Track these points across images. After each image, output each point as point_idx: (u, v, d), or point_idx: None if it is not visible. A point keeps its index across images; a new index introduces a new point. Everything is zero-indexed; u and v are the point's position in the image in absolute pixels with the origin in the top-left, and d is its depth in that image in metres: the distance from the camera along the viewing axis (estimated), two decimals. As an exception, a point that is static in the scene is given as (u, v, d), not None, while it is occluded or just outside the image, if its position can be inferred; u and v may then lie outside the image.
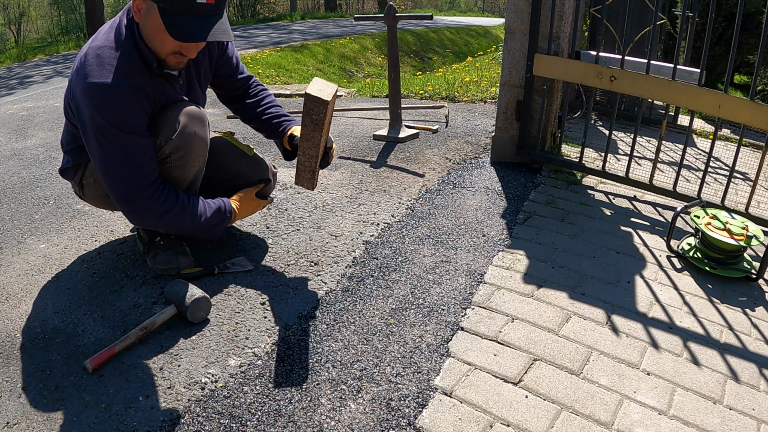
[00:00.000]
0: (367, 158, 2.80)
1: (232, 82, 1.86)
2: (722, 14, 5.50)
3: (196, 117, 1.59)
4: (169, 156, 1.57)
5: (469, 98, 4.17)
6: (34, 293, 1.71)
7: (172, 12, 1.36)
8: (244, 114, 1.92)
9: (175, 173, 1.61)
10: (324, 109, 1.49)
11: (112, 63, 1.42)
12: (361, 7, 24.91)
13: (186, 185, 1.67)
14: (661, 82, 2.14)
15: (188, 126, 1.56)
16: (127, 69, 1.44)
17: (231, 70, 1.83)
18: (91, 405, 1.26)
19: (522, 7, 2.45)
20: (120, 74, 1.42)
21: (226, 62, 1.80)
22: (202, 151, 1.64)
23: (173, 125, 1.54)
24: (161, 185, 1.55)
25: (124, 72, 1.43)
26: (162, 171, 1.60)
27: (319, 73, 8.03)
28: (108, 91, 1.41)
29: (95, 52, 1.44)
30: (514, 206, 2.27)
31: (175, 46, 1.43)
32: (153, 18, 1.39)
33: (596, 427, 1.20)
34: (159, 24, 1.38)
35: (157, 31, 1.41)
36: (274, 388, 1.31)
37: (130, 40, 1.46)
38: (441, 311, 1.59)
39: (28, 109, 4.59)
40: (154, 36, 1.43)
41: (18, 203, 2.42)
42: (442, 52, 12.10)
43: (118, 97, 1.42)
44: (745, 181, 2.85)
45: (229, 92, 1.89)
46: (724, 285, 1.78)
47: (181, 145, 1.56)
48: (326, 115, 1.52)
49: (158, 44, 1.44)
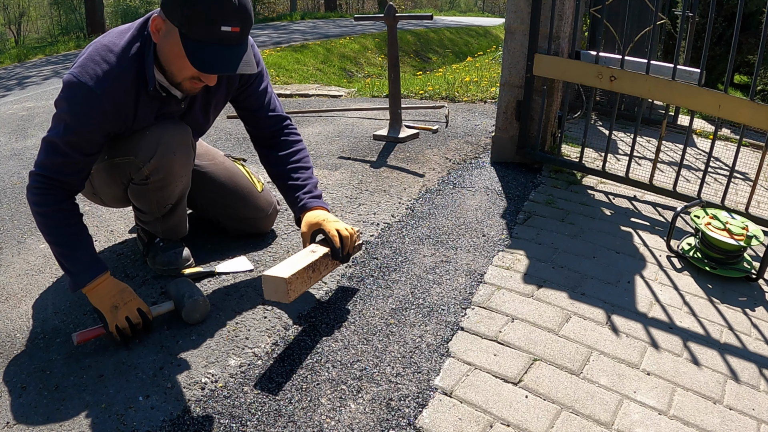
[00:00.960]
0: (367, 158, 2.80)
1: (257, 117, 1.71)
2: (722, 14, 5.51)
3: (177, 137, 1.53)
4: (149, 177, 1.54)
5: (469, 98, 4.17)
6: (34, 293, 1.71)
7: (193, 39, 1.27)
8: (270, 169, 1.75)
9: (158, 194, 1.60)
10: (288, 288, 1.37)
11: (104, 68, 1.36)
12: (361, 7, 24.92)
13: (172, 204, 1.66)
14: (661, 82, 2.14)
15: (168, 147, 1.51)
16: (116, 80, 1.36)
17: (257, 104, 1.69)
18: (91, 405, 1.26)
19: (522, 7, 2.45)
20: (105, 83, 1.35)
21: (251, 95, 1.68)
22: (183, 171, 1.60)
23: (152, 146, 1.49)
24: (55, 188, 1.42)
25: (111, 82, 1.36)
26: (144, 192, 1.59)
27: (319, 73, 8.02)
28: (84, 92, 1.35)
29: (100, 47, 1.39)
30: (514, 206, 2.27)
31: (194, 72, 1.35)
32: (173, 42, 1.30)
33: (596, 427, 1.20)
34: (179, 49, 1.30)
35: (175, 56, 1.33)
36: (274, 388, 1.31)
37: (138, 56, 1.39)
38: (441, 311, 1.59)
39: (28, 109, 4.59)
40: (171, 60, 1.35)
41: (18, 203, 2.42)
42: (442, 52, 12.10)
43: (86, 104, 1.35)
44: (745, 181, 2.85)
45: (254, 128, 1.75)
46: (724, 285, 1.78)
47: (160, 167, 1.52)
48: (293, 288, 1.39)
49: (176, 69, 1.37)
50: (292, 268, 1.40)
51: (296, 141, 1.76)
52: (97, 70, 1.36)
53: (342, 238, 1.55)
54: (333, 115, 3.78)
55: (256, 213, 1.91)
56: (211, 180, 1.87)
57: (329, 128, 3.40)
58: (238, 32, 1.29)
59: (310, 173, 1.72)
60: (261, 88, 1.68)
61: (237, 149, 3.00)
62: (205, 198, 1.89)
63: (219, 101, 1.66)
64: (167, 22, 1.31)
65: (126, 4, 19.48)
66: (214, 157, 1.93)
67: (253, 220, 1.92)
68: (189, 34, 1.27)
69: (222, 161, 1.93)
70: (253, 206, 1.90)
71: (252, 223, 1.93)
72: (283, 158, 1.71)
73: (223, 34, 1.26)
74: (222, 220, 1.94)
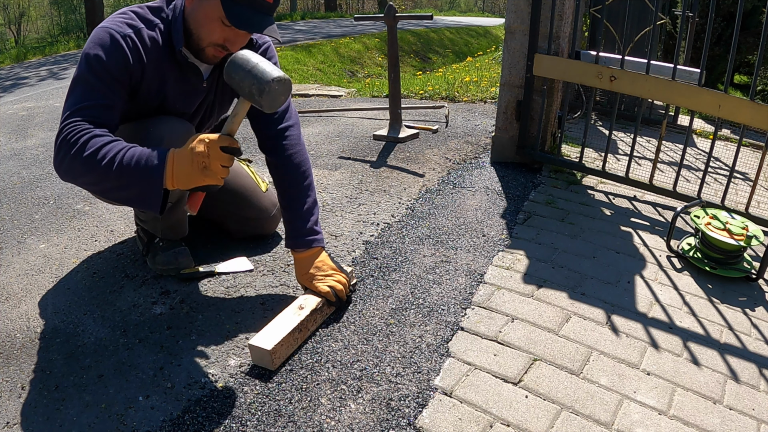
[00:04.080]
0: (367, 158, 2.80)
1: (262, 119, 1.64)
2: (721, 14, 5.50)
3: (183, 136, 1.51)
4: None
5: (469, 98, 4.17)
6: (34, 293, 1.71)
7: (235, 2, 1.35)
8: (276, 185, 1.67)
9: None
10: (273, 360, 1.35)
11: (130, 23, 1.41)
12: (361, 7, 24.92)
13: (172, 202, 1.65)
14: (661, 82, 2.14)
15: (171, 142, 1.47)
16: (138, 35, 1.41)
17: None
18: (91, 405, 1.26)
19: (522, 7, 2.45)
20: (129, 33, 1.40)
21: None
22: None
23: (154, 141, 1.46)
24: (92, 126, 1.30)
25: (133, 36, 1.40)
26: None
27: (319, 73, 8.02)
28: (110, 35, 1.37)
29: (125, 10, 1.45)
30: (514, 206, 2.27)
31: (221, 36, 1.41)
32: (208, 6, 1.38)
33: (596, 427, 1.20)
34: (216, 12, 1.37)
35: (209, 19, 1.39)
36: (274, 388, 1.31)
37: (164, 21, 1.45)
38: (441, 311, 1.59)
39: (28, 109, 4.59)
40: (203, 23, 1.41)
41: (18, 203, 2.42)
42: (443, 52, 12.11)
43: (113, 43, 1.37)
44: (745, 181, 2.85)
45: (259, 131, 1.66)
46: (724, 285, 1.78)
47: None
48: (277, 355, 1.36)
49: (206, 32, 1.41)
50: (276, 335, 1.37)
51: (304, 161, 1.67)
52: (121, 22, 1.41)
53: (336, 292, 1.55)
54: (333, 115, 3.78)
55: (259, 213, 1.91)
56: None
57: (329, 128, 3.40)
58: (272, 3, 1.39)
59: (311, 193, 1.66)
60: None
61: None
62: (208, 197, 1.89)
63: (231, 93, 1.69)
64: None
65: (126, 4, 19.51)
66: None
67: (256, 220, 1.92)
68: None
69: None
70: (256, 206, 1.90)
71: (255, 224, 1.93)
72: (286, 172, 1.64)
73: (261, 2, 1.37)
74: (225, 220, 1.94)
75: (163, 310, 1.59)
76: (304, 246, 1.61)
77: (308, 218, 1.63)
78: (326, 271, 1.59)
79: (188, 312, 1.58)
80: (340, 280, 1.58)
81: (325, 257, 1.62)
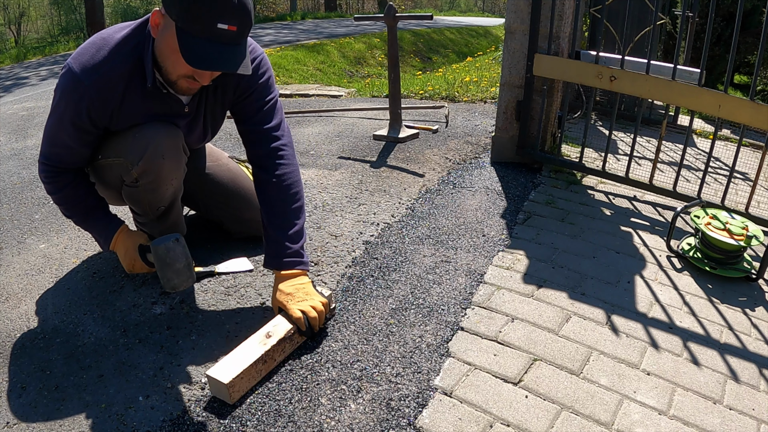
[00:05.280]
0: (367, 158, 2.80)
1: (254, 136, 1.59)
2: (721, 14, 5.50)
3: (167, 141, 1.50)
4: (138, 180, 1.53)
5: (469, 98, 4.17)
6: (34, 293, 1.71)
7: (189, 34, 1.24)
8: (261, 201, 1.60)
9: (149, 197, 1.59)
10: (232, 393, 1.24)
11: (96, 59, 1.36)
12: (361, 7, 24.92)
13: (164, 206, 1.65)
14: (661, 82, 2.14)
15: (156, 151, 1.48)
16: (106, 72, 1.36)
17: (251, 112, 1.58)
18: (91, 405, 1.26)
19: (522, 7, 2.45)
20: (93, 75, 1.35)
21: (251, 104, 1.58)
22: (173, 175, 1.57)
23: (140, 149, 1.47)
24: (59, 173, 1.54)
25: (99, 74, 1.36)
26: (136, 194, 1.58)
27: (319, 73, 8.02)
28: (73, 81, 1.37)
29: (97, 38, 1.40)
30: (514, 206, 2.27)
31: (188, 69, 1.32)
32: (169, 37, 1.29)
33: (596, 427, 1.20)
34: (174, 44, 1.27)
35: (171, 50, 1.31)
36: (274, 388, 1.31)
37: (135, 51, 1.38)
38: (441, 311, 1.59)
39: (28, 109, 4.59)
40: (167, 56, 1.33)
41: (18, 203, 2.42)
42: (443, 52, 12.11)
43: (75, 93, 1.38)
44: (745, 181, 2.85)
45: (250, 146, 1.61)
46: (724, 285, 1.78)
47: (149, 170, 1.50)
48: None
49: (170, 65, 1.34)
50: (237, 366, 1.26)
51: (296, 181, 1.61)
52: (89, 60, 1.37)
53: (309, 319, 1.43)
54: (333, 115, 3.78)
55: (258, 214, 1.90)
56: (213, 181, 1.87)
57: (329, 128, 3.39)
58: (235, 31, 1.25)
59: (301, 216, 1.60)
60: (263, 100, 1.58)
61: (237, 149, 3.00)
62: (207, 198, 1.90)
63: (226, 105, 1.62)
64: (166, 17, 1.30)
65: (126, 4, 19.50)
66: (218, 158, 1.93)
67: (255, 222, 1.92)
68: (185, 28, 1.25)
69: (225, 162, 1.93)
70: (255, 207, 1.89)
71: (254, 225, 1.93)
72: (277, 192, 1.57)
73: (220, 31, 1.23)
74: (225, 221, 1.94)
75: (163, 310, 1.59)
76: (286, 267, 1.52)
77: (297, 240, 1.55)
78: (302, 297, 1.47)
79: (188, 312, 1.58)
80: (316, 306, 1.45)
81: (307, 282, 1.52)
